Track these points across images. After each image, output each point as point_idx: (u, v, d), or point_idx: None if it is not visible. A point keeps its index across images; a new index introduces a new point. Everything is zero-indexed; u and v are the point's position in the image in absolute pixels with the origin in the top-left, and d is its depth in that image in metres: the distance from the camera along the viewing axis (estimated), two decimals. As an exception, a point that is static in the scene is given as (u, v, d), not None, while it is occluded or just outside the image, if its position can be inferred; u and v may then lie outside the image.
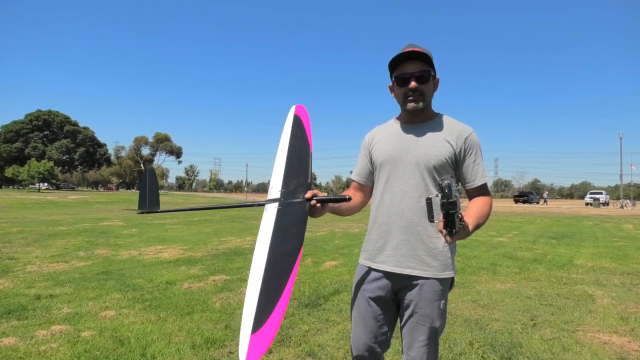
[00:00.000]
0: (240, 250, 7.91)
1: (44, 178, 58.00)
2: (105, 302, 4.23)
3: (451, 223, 1.42)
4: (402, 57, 1.67)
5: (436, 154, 1.67)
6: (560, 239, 10.60)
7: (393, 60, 1.69)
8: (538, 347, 3.19)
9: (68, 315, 3.80)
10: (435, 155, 1.67)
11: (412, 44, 1.71)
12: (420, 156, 1.69)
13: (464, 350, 3.12)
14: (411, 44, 1.72)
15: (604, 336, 3.46)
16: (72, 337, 3.23)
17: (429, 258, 1.65)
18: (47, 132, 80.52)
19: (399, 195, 1.70)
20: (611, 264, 6.98)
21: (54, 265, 6.12)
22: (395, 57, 1.68)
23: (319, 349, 3.09)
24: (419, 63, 1.67)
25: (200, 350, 3.02)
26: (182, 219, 16.63)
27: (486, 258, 7.33)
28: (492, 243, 9.57)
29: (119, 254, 7.27)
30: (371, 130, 1.93)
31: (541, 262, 7.02)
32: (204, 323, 3.63)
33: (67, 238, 9.41)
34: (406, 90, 1.69)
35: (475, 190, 1.74)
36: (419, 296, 1.65)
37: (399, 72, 1.70)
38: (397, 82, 1.72)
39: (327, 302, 4.31)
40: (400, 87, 1.71)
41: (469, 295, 4.73)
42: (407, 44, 1.73)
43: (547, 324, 3.76)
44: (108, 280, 5.20)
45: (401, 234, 1.68)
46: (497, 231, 12.58)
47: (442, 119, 1.77)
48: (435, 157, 1.67)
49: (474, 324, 3.72)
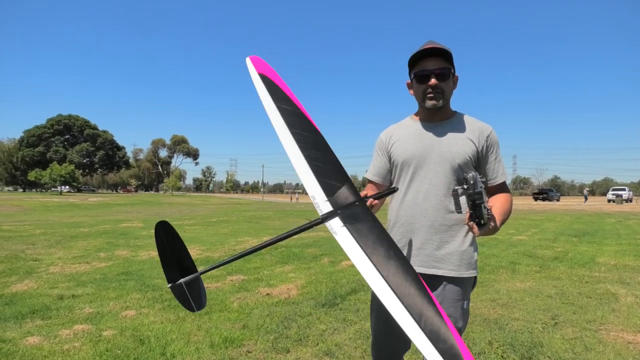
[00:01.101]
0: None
1: (66, 181, 59.35)
2: (125, 302, 4.30)
3: (479, 214, 1.42)
4: (422, 53, 1.65)
5: (461, 152, 1.66)
6: (581, 237, 10.38)
7: (413, 57, 1.67)
8: (559, 347, 3.13)
9: (90, 315, 3.88)
10: (460, 154, 1.66)
11: (432, 41, 1.69)
12: (444, 154, 1.67)
13: (484, 349, 3.08)
14: (431, 41, 1.70)
15: (627, 335, 3.38)
16: (94, 337, 3.29)
17: (452, 257, 1.65)
18: (68, 136, 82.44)
19: (423, 194, 1.69)
20: (635, 261, 6.81)
21: (75, 266, 6.25)
22: (416, 53, 1.66)
23: (336, 348, 3.09)
24: (439, 60, 1.65)
25: (219, 350, 3.06)
26: (199, 220, 16.81)
27: (505, 256, 7.22)
28: (511, 241, 9.43)
29: (138, 255, 7.39)
30: (387, 129, 1.89)
31: (562, 261, 6.89)
32: (222, 323, 3.66)
33: (88, 239, 9.61)
34: (426, 87, 1.67)
35: (497, 188, 1.74)
36: (443, 296, 1.65)
37: (418, 69, 1.68)
38: (416, 79, 1.70)
39: (344, 302, 4.31)
40: (419, 84, 1.69)
41: (488, 294, 4.67)
42: (427, 41, 1.71)
43: (569, 323, 3.69)
44: (128, 281, 5.29)
45: (425, 234, 1.67)
46: (516, 229, 12.38)
47: (461, 118, 1.75)
48: (460, 156, 1.66)
49: (493, 323, 3.67)
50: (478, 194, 1.40)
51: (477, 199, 1.40)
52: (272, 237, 1.61)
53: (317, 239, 9.66)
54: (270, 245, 1.58)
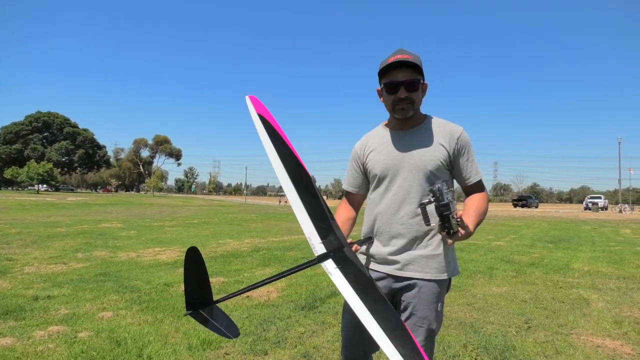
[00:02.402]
0: (238, 253, 7.93)
1: (43, 179, 58.00)
2: (102, 304, 4.25)
3: (447, 224, 1.45)
4: (391, 65, 1.67)
5: (432, 158, 1.70)
6: (557, 243, 10.62)
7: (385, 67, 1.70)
8: (531, 350, 3.21)
9: (65, 316, 3.82)
10: (431, 160, 1.69)
11: (402, 50, 1.72)
12: (416, 163, 1.71)
13: (458, 352, 3.14)
14: (401, 50, 1.72)
15: (597, 339, 3.49)
16: (69, 338, 3.25)
17: (428, 261, 1.69)
18: (47, 133, 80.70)
19: (398, 202, 1.73)
20: (607, 268, 7.01)
21: (52, 267, 6.14)
22: (386, 65, 1.68)
23: (314, 351, 3.11)
24: (408, 71, 1.67)
25: (197, 352, 3.05)
26: (181, 221, 16.65)
27: (483, 262, 7.36)
28: (489, 247, 9.60)
29: (117, 256, 7.29)
30: (361, 140, 1.92)
31: (538, 266, 7.05)
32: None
33: (66, 240, 9.43)
34: (395, 98, 1.70)
35: (472, 188, 1.77)
36: (418, 298, 1.68)
37: (388, 79, 1.70)
38: (386, 89, 1.73)
39: (323, 305, 4.34)
40: (389, 95, 1.72)
41: (465, 298, 4.76)
42: (397, 50, 1.73)
43: (542, 327, 3.78)
44: (106, 282, 5.23)
45: (401, 240, 1.72)
46: (495, 235, 12.61)
47: (431, 122, 1.78)
48: (432, 162, 1.69)
49: (468, 326, 3.74)
50: (444, 206, 1.42)
51: (445, 211, 1.43)
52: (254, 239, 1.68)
53: (298, 242, 9.67)
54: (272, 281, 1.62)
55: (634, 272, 6.66)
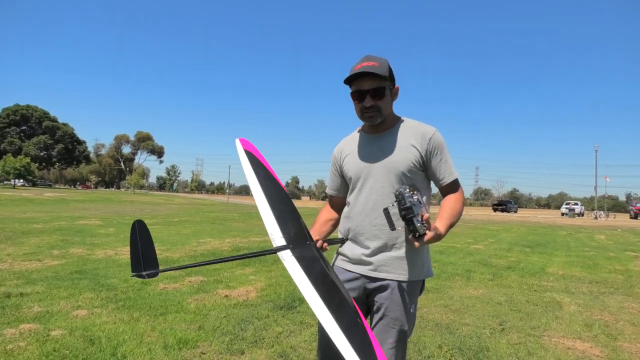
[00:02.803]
0: (218, 252, 7.88)
1: (20, 174, 56.52)
2: (77, 302, 4.18)
3: (412, 228, 1.46)
4: (355, 76, 1.69)
5: (403, 160, 1.71)
6: (534, 248, 10.84)
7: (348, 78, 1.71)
8: (504, 351, 3.28)
9: (38, 314, 3.75)
10: (403, 162, 1.71)
11: (369, 57, 1.73)
12: (388, 165, 1.73)
13: (433, 353, 3.19)
14: (368, 57, 1.73)
15: (568, 341, 3.58)
16: (41, 336, 3.19)
17: (400, 262, 1.71)
18: (25, 127, 78.67)
19: (371, 204, 1.75)
20: (581, 272, 7.19)
21: (26, 264, 6.00)
22: (350, 77, 1.70)
23: (291, 351, 3.12)
24: (374, 79, 1.69)
25: (172, 351, 3.02)
26: (161, 219, 16.44)
27: (462, 264, 7.47)
28: (468, 250, 9.75)
29: (94, 253, 7.16)
30: (339, 144, 1.97)
31: (514, 270, 7.19)
32: (178, 324, 3.62)
33: (42, 236, 9.23)
34: (362, 106, 1.73)
35: (446, 188, 1.76)
36: (390, 299, 1.70)
37: (355, 88, 1.73)
38: (353, 98, 1.76)
39: (302, 305, 4.35)
40: (357, 103, 1.75)
41: (442, 300, 4.83)
42: (364, 57, 1.74)
43: (515, 329, 3.87)
44: (82, 280, 5.14)
45: (373, 241, 1.73)
46: (473, 238, 12.80)
47: (404, 124, 1.80)
48: (403, 164, 1.71)
49: (444, 328, 3.80)
50: (407, 209, 1.43)
51: (407, 214, 1.44)
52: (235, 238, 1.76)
53: (280, 243, 9.64)
54: (222, 262, 1.85)
55: (606, 277, 6.84)
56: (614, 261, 8.74)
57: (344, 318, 1.47)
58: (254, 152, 1.99)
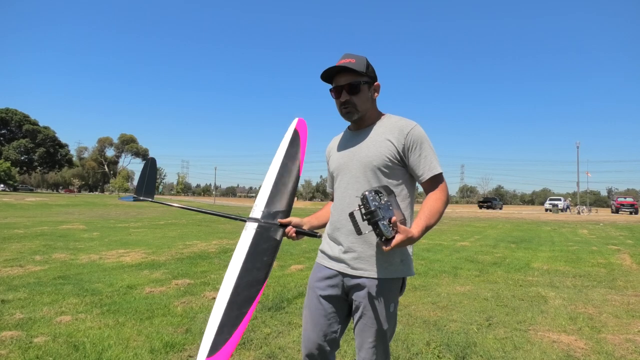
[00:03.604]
0: (205, 254, 7.81)
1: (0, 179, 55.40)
2: (61, 307, 4.10)
3: (378, 231, 1.42)
4: (327, 73, 1.74)
5: (377, 154, 1.70)
6: (519, 243, 10.99)
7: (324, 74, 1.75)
8: (491, 346, 3.32)
9: (20, 320, 3.66)
10: (377, 156, 1.70)
11: (347, 55, 1.75)
12: (363, 159, 1.73)
13: (421, 350, 3.20)
14: (346, 55, 1.75)
15: (553, 335, 3.63)
16: (23, 343, 3.12)
17: (378, 260, 1.67)
18: (4, 131, 77.20)
19: (347, 200, 1.75)
20: (565, 267, 7.31)
21: (7, 270, 5.87)
22: (324, 72, 1.74)
23: (279, 351, 3.10)
24: (350, 75, 1.71)
25: (159, 355, 2.98)
26: (146, 222, 16.24)
27: (449, 261, 7.53)
28: (455, 247, 9.83)
29: (78, 258, 7.04)
30: (330, 143, 2.02)
31: (500, 265, 7.27)
32: (164, 327, 3.57)
33: (23, 242, 9.03)
34: (339, 102, 1.76)
35: (427, 184, 1.71)
36: (367, 298, 1.67)
37: (333, 85, 1.77)
38: (332, 94, 1.79)
39: (290, 305, 4.33)
40: (335, 99, 1.78)
41: (429, 297, 4.86)
42: (343, 55, 1.76)
43: (502, 324, 3.91)
44: (65, 285, 5.04)
45: (351, 237, 1.71)
46: (460, 235, 12.92)
47: (385, 119, 1.80)
48: (378, 158, 1.70)
49: (432, 324, 3.82)
50: (370, 213, 1.40)
51: (371, 218, 1.40)
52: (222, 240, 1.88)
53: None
54: (206, 213, 2.27)
55: (589, 270, 6.97)
56: (597, 255, 8.91)
57: (238, 297, 1.68)
58: (300, 133, 2.21)
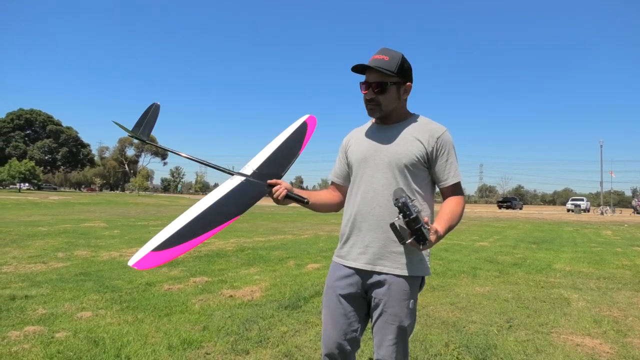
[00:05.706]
0: (222, 253, 7.87)
1: (25, 178, 56.99)
2: (82, 303, 4.17)
3: (421, 236, 1.44)
4: (356, 68, 1.72)
5: (407, 152, 1.69)
6: (540, 244, 10.77)
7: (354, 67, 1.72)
8: (512, 349, 3.24)
9: (43, 316, 3.74)
10: (406, 154, 1.69)
11: (383, 50, 1.72)
12: (391, 155, 1.71)
13: (440, 351, 3.15)
14: (382, 50, 1.73)
15: (576, 338, 3.53)
16: (45, 338, 3.18)
17: (399, 256, 1.67)
18: (29, 131, 79.23)
19: (371, 194, 1.72)
20: (588, 268, 7.13)
21: (31, 266, 6.01)
22: (354, 66, 1.71)
23: (296, 350, 3.09)
24: (379, 74, 1.69)
25: (177, 351, 3.00)
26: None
27: (467, 262, 7.42)
28: (474, 247, 9.69)
29: (99, 255, 7.17)
30: (350, 132, 1.97)
31: (520, 266, 7.13)
32: (182, 324, 3.60)
33: (47, 239, 9.25)
34: (365, 98, 1.74)
35: (448, 189, 1.75)
36: (388, 295, 1.67)
37: (362, 79, 1.75)
38: (360, 88, 1.77)
39: (307, 304, 4.32)
40: (363, 92, 1.76)
41: (448, 297, 4.79)
42: (380, 49, 1.74)
43: (523, 326, 3.82)
44: (86, 282, 5.13)
45: (372, 232, 1.70)
46: (479, 235, 12.74)
47: (415, 119, 1.79)
48: (407, 156, 1.69)
49: (451, 325, 3.76)
50: (414, 220, 1.41)
51: (415, 225, 1.42)
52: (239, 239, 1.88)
53: (284, 242, 9.65)
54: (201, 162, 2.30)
55: (613, 272, 6.78)
56: (622, 257, 8.67)
57: (202, 220, 1.78)
58: (309, 126, 2.35)
